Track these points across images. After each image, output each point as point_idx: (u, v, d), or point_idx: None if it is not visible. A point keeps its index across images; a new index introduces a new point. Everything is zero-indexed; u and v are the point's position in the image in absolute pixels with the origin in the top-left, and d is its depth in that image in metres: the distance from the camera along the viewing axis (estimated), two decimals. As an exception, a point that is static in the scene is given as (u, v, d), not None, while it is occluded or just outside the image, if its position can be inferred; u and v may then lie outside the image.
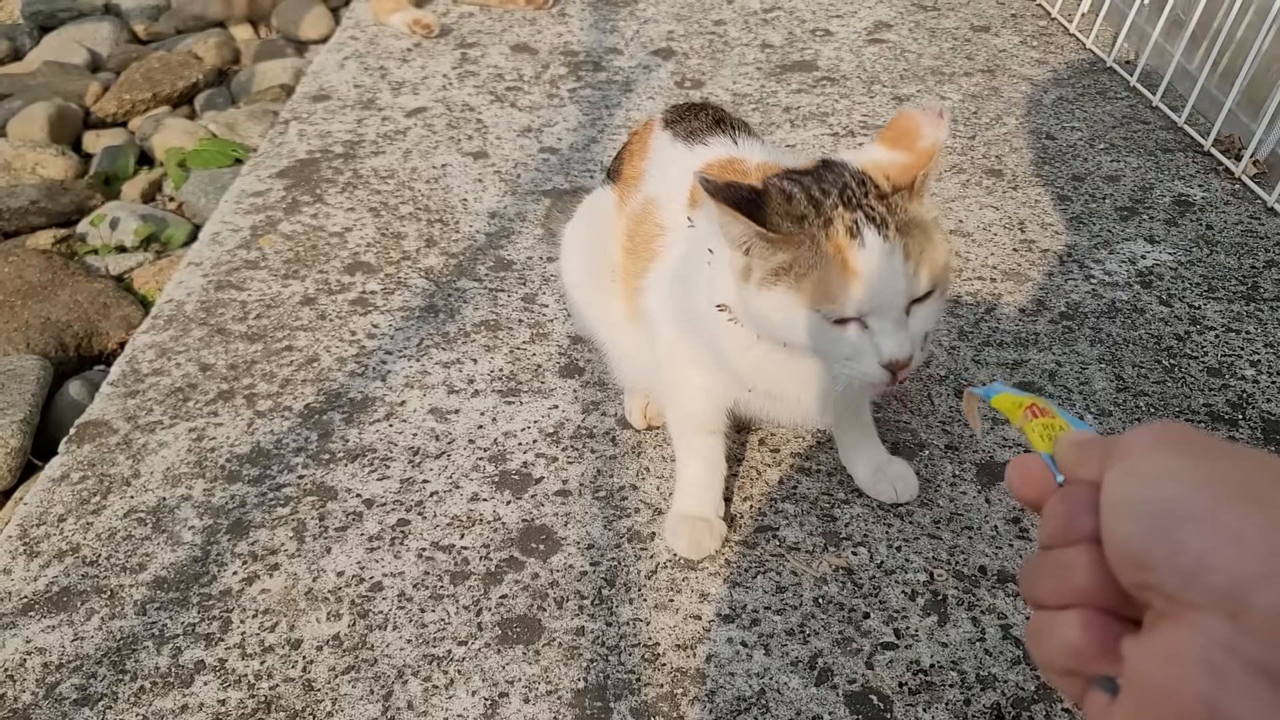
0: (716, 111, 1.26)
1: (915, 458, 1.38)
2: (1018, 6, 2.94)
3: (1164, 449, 0.41)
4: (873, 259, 0.90)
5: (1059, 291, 1.73)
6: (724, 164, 1.17)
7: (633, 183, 1.25)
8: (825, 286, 0.91)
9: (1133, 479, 0.40)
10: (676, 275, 1.15)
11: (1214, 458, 0.40)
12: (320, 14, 3.01)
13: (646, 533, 1.27)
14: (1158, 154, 2.17)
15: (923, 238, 0.93)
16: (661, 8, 2.94)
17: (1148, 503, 0.39)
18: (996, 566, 1.23)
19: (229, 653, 1.13)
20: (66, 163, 2.30)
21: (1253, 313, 1.67)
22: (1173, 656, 0.37)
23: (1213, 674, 0.35)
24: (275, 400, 1.49)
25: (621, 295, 1.26)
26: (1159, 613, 0.38)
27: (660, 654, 1.13)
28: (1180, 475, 0.39)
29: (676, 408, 1.25)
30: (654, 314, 1.19)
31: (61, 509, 1.31)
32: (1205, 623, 0.36)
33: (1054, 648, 0.43)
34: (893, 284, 0.91)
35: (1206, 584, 0.36)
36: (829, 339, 0.94)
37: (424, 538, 1.27)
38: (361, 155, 2.16)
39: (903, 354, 0.92)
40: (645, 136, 1.29)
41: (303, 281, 1.75)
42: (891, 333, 0.92)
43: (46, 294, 1.79)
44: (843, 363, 0.95)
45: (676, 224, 1.16)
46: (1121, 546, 0.40)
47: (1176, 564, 0.37)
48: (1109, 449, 0.43)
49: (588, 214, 1.36)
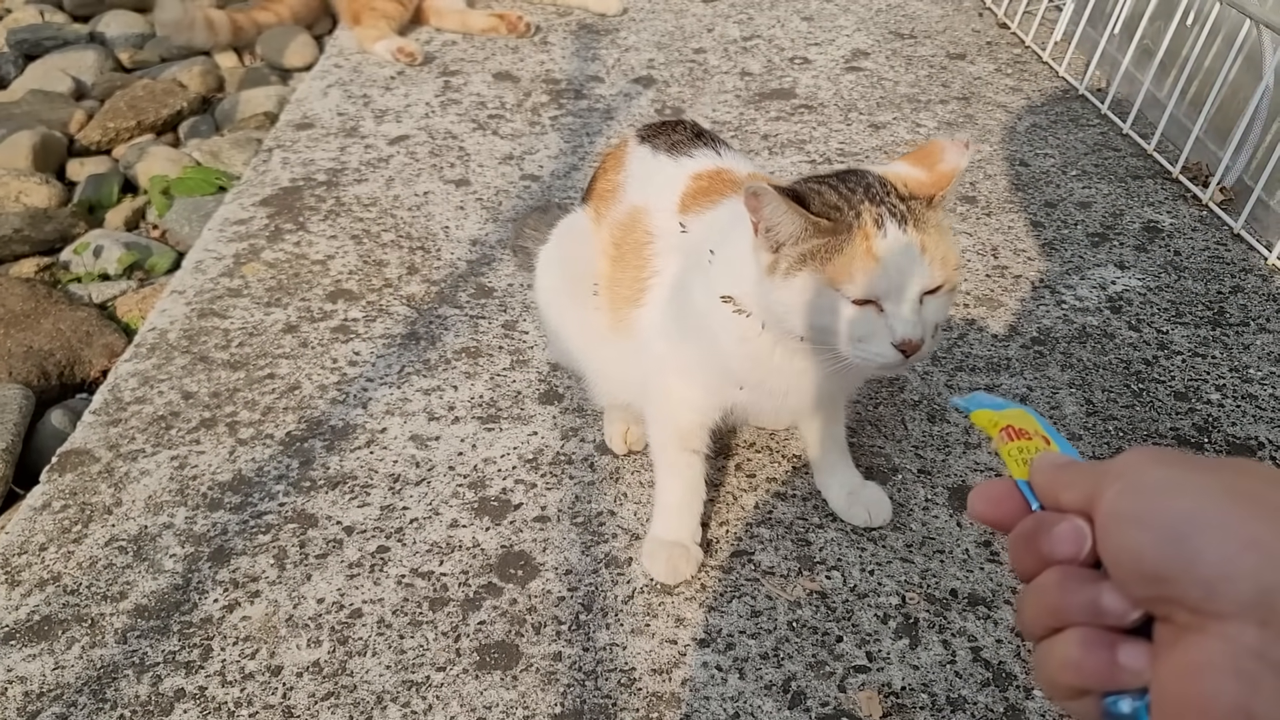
0: (694, 126, 1.31)
1: (889, 482, 1.40)
2: (992, 35, 3.00)
3: (1162, 463, 0.40)
4: (893, 246, 0.99)
5: (1031, 317, 1.76)
6: (713, 174, 1.22)
7: (608, 196, 1.29)
8: (849, 267, 0.99)
9: (1137, 494, 0.40)
10: (675, 284, 1.20)
11: (1211, 470, 0.40)
12: (304, 42, 3.03)
13: (624, 558, 1.29)
14: (1128, 180, 2.21)
15: (938, 236, 1.02)
16: (642, 36, 2.98)
17: (1157, 515, 0.38)
18: (967, 590, 1.25)
19: (209, 680, 1.14)
20: (50, 191, 2.31)
21: (1218, 337, 1.71)
22: (1203, 668, 0.36)
23: (1246, 682, 0.35)
24: (257, 428, 1.51)
25: (606, 306, 1.28)
26: (1183, 625, 0.38)
27: (637, 679, 1.14)
28: (1184, 486, 0.39)
29: (660, 422, 1.28)
30: (646, 326, 1.22)
31: (43, 538, 1.32)
32: (1234, 632, 0.36)
33: (1057, 669, 0.42)
34: (909, 270, 0.99)
35: (1231, 593, 0.36)
36: (844, 319, 1.00)
37: (404, 564, 1.29)
38: (344, 183, 2.18)
39: (915, 335, 0.99)
40: (620, 153, 1.33)
41: (285, 309, 1.77)
42: (906, 316, 0.99)
43: (29, 322, 1.80)
44: (856, 343, 1.01)
45: (666, 231, 1.21)
46: (1133, 561, 0.39)
47: (1197, 574, 0.37)
48: (1099, 474, 0.42)
49: (563, 236, 1.39)
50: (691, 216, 1.21)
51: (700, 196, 1.21)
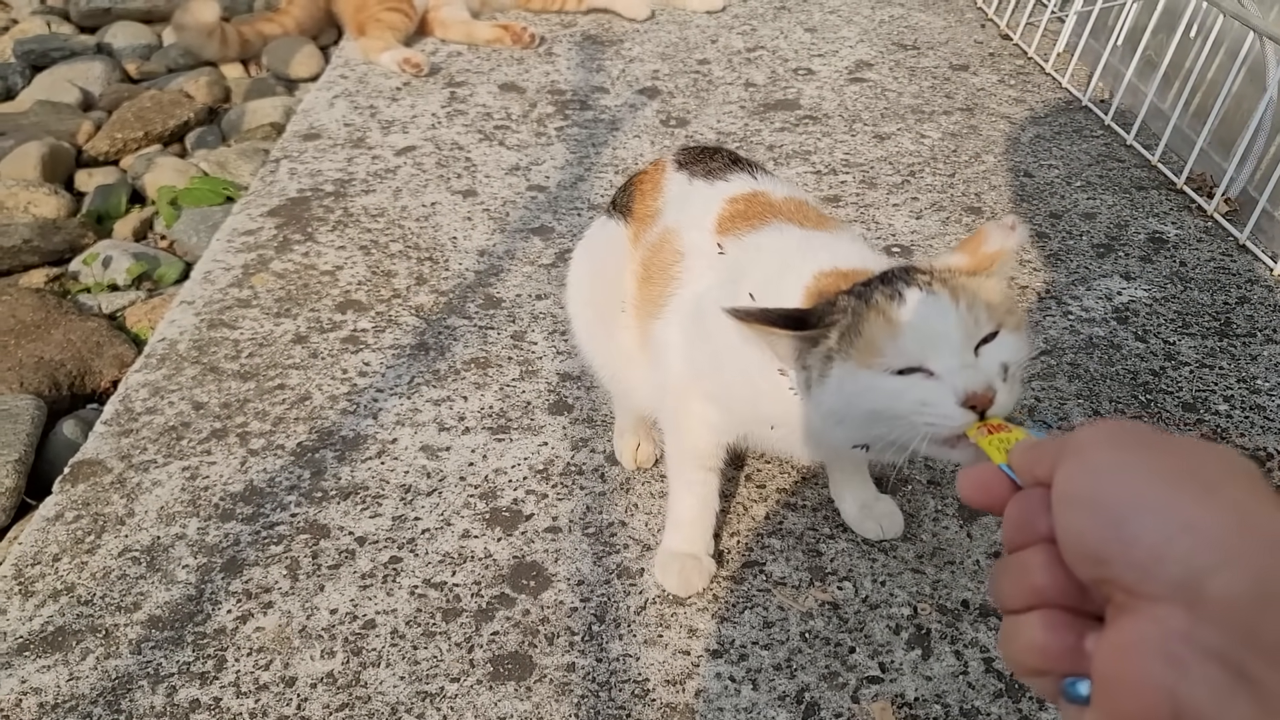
0: (731, 154, 1.30)
1: (899, 493, 1.40)
2: (995, 46, 3.01)
3: (1114, 445, 0.41)
4: (914, 308, 0.91)
5: (1037, 328, 1.77)
6: (748, 197, 1.21)
7: (647, 220, 1.28)
8: (872, 343, 0.91)
9: (1084, 474, 0.41)
10: (700, 307, 1.15)
11: (1163, 451, 0.40)
12: (310, 52, 3.04)
13: (636, 569, 1.30)
14: (1132, 192, 2.22)
15: (974, 286, 0.93)
16: (647, 47, 2.99)
17: (1100, 497, 0.39)
18: (978, 600, 1.25)
19: (224, 691, 1.14)
20: (59, 201, 2.32)
21: (1225, 348, 1.72)
22: (1133, 649, 0.37)
23: (1173, 664, 0.35)
24: (268, 439, 1.51)
25: (633, 325, 1.28)
26: (1119, 606, 0.38)
27: (650, 689, 1.14)
28: (1131, 468, 0.39)
29: (678, 440, 1.27)
30: (667, 345, 1.21)
31: (56, 548, 1.33)
32: (1163, 614, 0.36)
33: (1021, 649, 0.43)
34: (940, 321, 0.90)
35: (1162, 575, 0.36)
36: (894, 391, 0.91)
37: (416, 575, 1.29)
38: (352, 194, 2.19)
39: (977, 385, 0.86)
40: (657, 177, 1.31)
41: (294, 320, 1.78)
42: (958, 369, 0.88)
43: (40, 333, 1.81)
44: (919, 411, 0.89)
45: (698, 249, 1.19)
46: (1076, 541, 0.40)
47: (1131, 556, 0.37)
48: (1061, 447, 0.43)
49: (593, 245, 1.37)
50: (729, 239, 1.18)
51: (737, 219, 1.19)
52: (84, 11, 3.32)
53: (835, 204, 2.16)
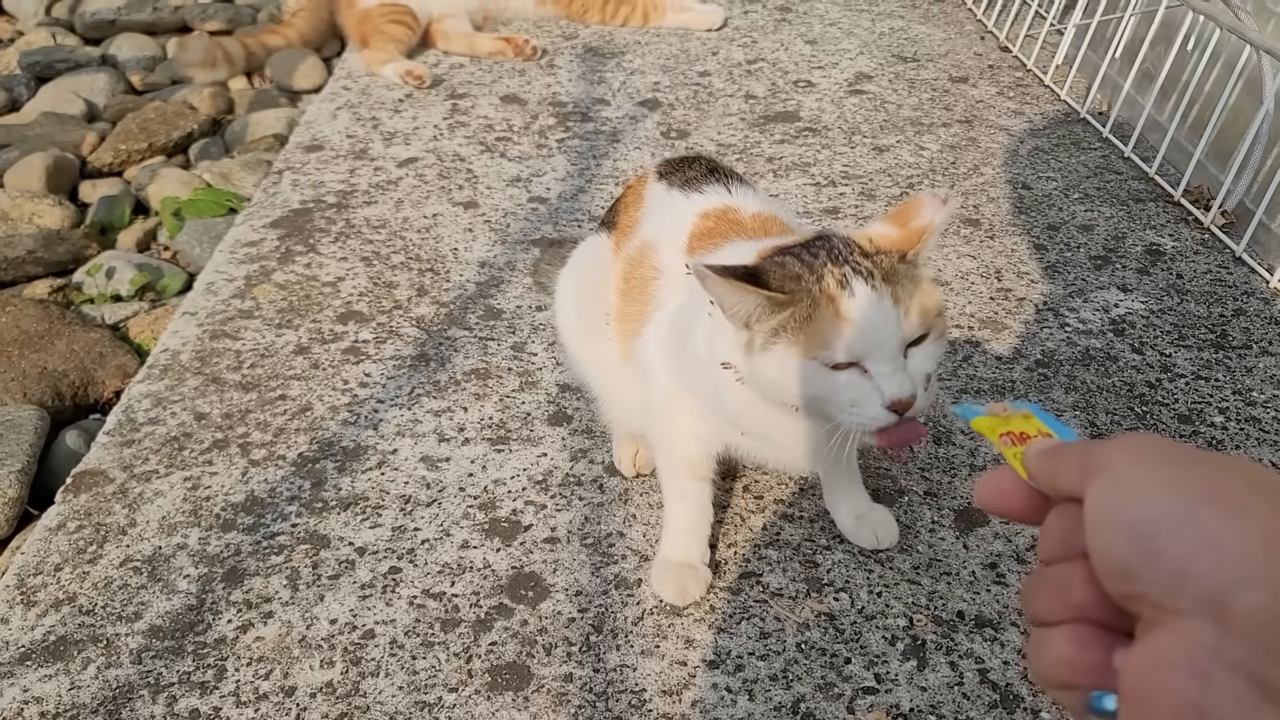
0: (709, 162, 1.31)
1: (895, 504, 1.41)
2: (994, 58, 3.03)
3: (1143, 460, 0.41)
4: (861, 305, 0.97)
5: (1035, 339, 1.78)
6: (719, 213, 1.22)
7: (628, 231, 1.30)
8: (820, 334, 0.97)
9: (1114, 491, 0.41)
10: (675, 323, 1.19)
11: (1190, 466, 0.40)
12: (313, 64, 3.07)
13: (633, 579, 1.30)
14: (1130, 204, 2.23)
15: (911, 285, 0.99)
16: (647, 59, 3.01)
17: (1129, 513, 0.39)
18: (974, 611, 1.26)
19: (224, 701, 1.15)
20: (63, 212, 2.33)
21: (1221, 360, 1.72)
22: (1160, 663, 0.37)
23: (1199, 678, 0.36)
24: (269, 449, 1.52)
25: (615, 337, 1.29)
26: (1147, 621, 0.39)
27: (647, 700, 1.15)
28: (1159, 484, 0.40)
29: (668, 452, 1.29)
30: (650, 359, 1.22)
31: (58, 558, 1.34)
32: (1190, 628, 0.36)
33: (1050, 663, 0.43)
34: (884, 326, 0.97)
35: (1189, 590, 0.37)
36: (830, 386, 0.98)
37: (415, 585, 1.30)
38: (354, 205, 2.20)
39: (904, 392, 0.96)
40: (639, 188, 1.33)
41: (296, 331, 1.79)
42: (890, 374, 0.97)
43: (43, 343, 1.82)
44: (848, 410, 0.99)
45: (673, 268, 1.21)
46: (1107, 558, 0.40)
47: (1159, 572, 0.38)
48: (1086, 460, 0.43)
49: (581, 260, 1.39)
50: (696, 258, 1.16)
51: (705, 237, 1.20)
52: (89, 24, 3.35)
53: (834, 216, 2.18)
